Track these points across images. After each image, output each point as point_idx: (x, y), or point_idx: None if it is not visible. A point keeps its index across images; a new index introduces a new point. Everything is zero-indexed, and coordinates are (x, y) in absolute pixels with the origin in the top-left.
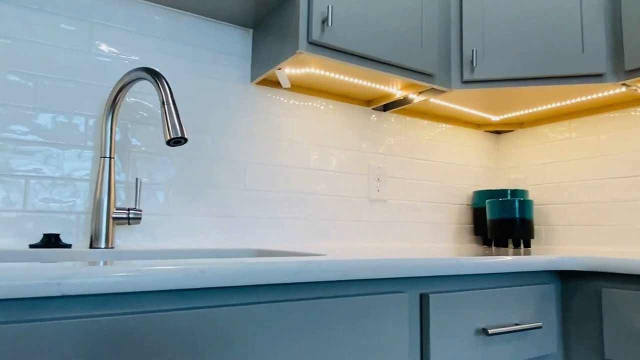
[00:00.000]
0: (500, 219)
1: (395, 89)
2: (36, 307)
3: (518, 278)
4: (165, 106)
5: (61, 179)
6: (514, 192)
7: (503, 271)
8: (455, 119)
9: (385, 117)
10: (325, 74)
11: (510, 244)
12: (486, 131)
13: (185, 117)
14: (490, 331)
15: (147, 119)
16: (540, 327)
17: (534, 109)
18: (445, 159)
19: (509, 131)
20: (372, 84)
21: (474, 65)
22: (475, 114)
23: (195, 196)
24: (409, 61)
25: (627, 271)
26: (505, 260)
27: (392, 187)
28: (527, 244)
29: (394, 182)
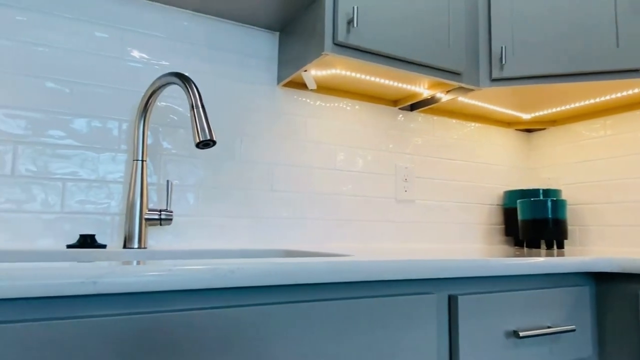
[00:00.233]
0: (532, 220)
1: (422, 88)
2: (73, 305)
3: (550, 280)
4: (195, 110)
5: (96, 181)
6: (547, 192)
7: (535, 272)
8: (485, 118)
9: (412, 116)
10: (351, 74)
11: (543, 245)
12: (517, 130)
13: (214, 120)
14: (522, 334)
15: (178, 122)
16: (574, 330)
17: (566, 107)
18: (475, 159)
19: (540, 129)
20: (398, 84)
21: (503, 62)
22: (505, 112)
23: (223, 197)
24: (436, 60)
25: None
26: (537, 262)
27: (419, 188)
28: (560, 245)
29: (422, 183)
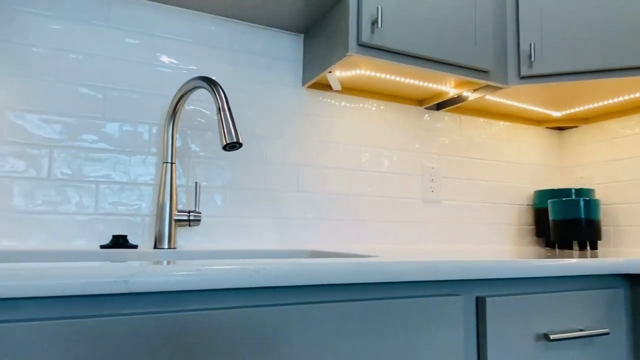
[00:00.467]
0: (564, 220)
1: (448, 87)
2: (105, 303)
3: (583, 281)
4: (221, 113)
5: (128, 183)
6: (579, 192)
7: (566, 274)
8: (513, 116)
9: (438, 116)
10: (376, 75)
11: (576, 246)
12: (547, 128)
13: (240, 122)
14: (552, 337)
15: (205, 125)
16: (608, 333)
17: (599, 104)
18: (504, 158)
19: (572, 127)
20: (424, 83)
21: (532, 59)
22: (534, 110)
23: (250, 198)
24: (462, 58)
25: None
26: (568, 263)
27: (447, 188)
28: (593, 246)
29: (449, 183)
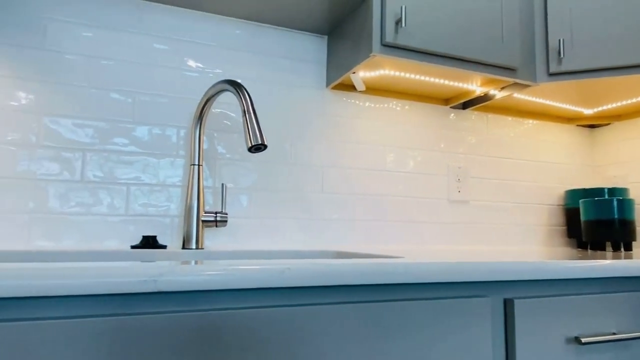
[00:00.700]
0: (597, 220)
1: (474, 85)
2: (135, 302)
3: (616, 283)
4: (246, 115)
5: (157, 185)
6: (612, 191)
7: (598, 276)
8: (542, 114)
9: (464, 115)
10: (400, 74)
11: (609, 247)
12: (578, 125)
13: (265, 124)
14: (584, 340)
15: (231, 127)
16: None
17: (632, 100)
18: (533, 157)
19: (604, 125)
20: (449, 82)
21: (562, 56)
22: (564, 107)
23: (275, 199)
24: (488, 56)
25: None
26: (600, 264)
27: (474, 188)
28: (627, 247)
29: (476, 183)
